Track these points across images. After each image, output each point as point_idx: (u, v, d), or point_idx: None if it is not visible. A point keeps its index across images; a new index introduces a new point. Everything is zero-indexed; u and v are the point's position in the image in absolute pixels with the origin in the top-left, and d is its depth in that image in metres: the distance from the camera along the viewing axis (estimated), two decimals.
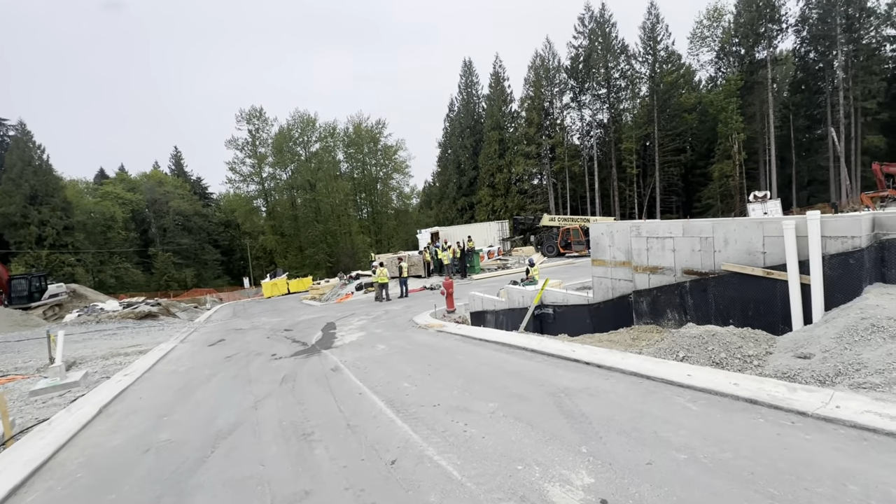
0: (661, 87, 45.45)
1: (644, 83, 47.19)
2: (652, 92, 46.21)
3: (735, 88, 40.66)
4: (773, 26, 40.97)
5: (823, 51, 40.02)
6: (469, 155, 56.29)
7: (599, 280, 8.71)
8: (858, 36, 38.05)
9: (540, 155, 50.04)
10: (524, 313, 10.30)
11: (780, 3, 40.64)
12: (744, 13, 41.79)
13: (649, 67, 46.55)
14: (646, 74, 46.92)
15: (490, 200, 50.54)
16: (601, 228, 8.52)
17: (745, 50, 42.72)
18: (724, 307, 6.43)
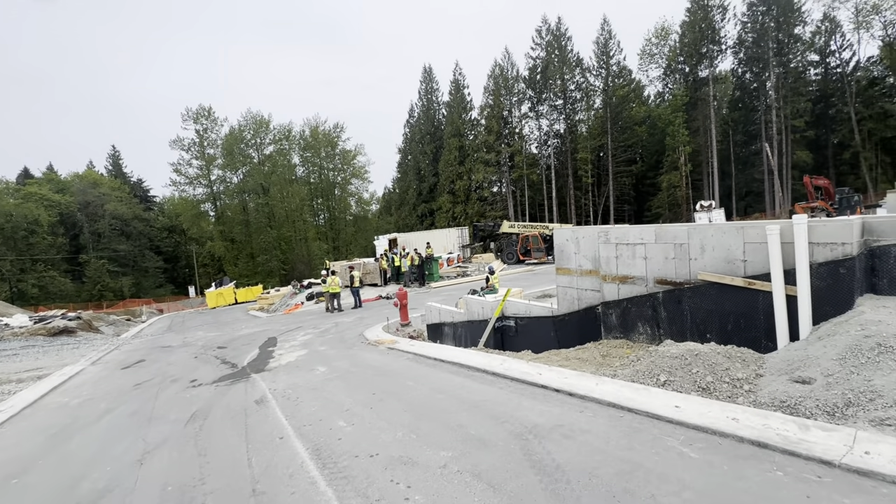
0: (613, 100, 46.75)
1: (598, 96, 48.39)
2: (605, 104, 47.43)
3: (681, 104, 42.38)
4: (714, 47, 43.14)
5: (758, 72, 42.51)
6: (429, 161, 55.67)
7: (564, 290, 7.97)
8: (787, 60, 40.71)
9: (499, 163, 50.15)
10: (484, 326, 9.43)
11: (720, 25, 42.90)
12: (688, 33, 43.78)
13: (603, 81, 47.81)
14: (599, 87, 48.14)
15: (450, 207, 50.07)
16: (566, 234, 7.79)
17: (690, 68, 44.74)
18: (700, 320, 5.78)
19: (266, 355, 9.51)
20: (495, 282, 14.28)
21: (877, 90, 39.48)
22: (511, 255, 26.42)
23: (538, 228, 26.95)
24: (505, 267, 25.04)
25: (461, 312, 10.44)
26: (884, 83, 39.34)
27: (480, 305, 9.74)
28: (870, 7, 38.00)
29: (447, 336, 11.00)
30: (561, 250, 8.02)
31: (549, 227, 26.38)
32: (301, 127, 61.61)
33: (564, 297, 8.03)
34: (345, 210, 62.50)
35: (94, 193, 50.33)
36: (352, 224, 62.58)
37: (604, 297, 7.06)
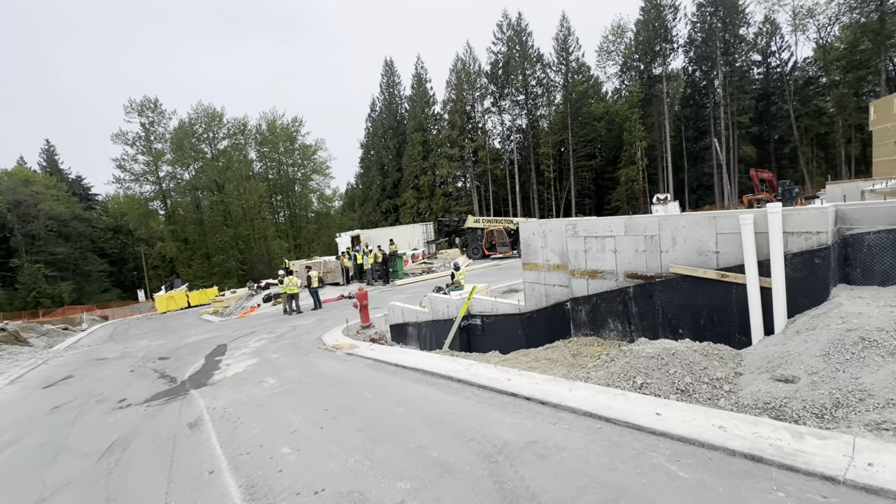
0: (573, 96, 47.34)
1: (558, 91, 48.88)
2: (565, 100, 47.98)
3: (637, 100, 43.46)
4: (667, 45, 44.49)
5: (707, 70, 44.20)
6: (392, 156, 54.66)
7: (531, 286, 7.57)
8: (733, 59, 42.53)
9: (463, 158, 49.76)
10: (449, 325, 8.92)
11: (672, 25, 44.25)
12: (642, 31, 44.90)
13: (563, 77, 48.31)
14: (559, 83, 48.63)
15: (415, 203, 49.35)
16: (532, 228, 7.38)
17: (644, 65, 45.96)
18: (672, 315, 5.51)
19: (212, 366, 8.63)
20: (461, 278, 13.81)
21: (811, 89, 41.94)
22: (476, 250, 26.02)
23: (503, 223, 26.66)
24: (470, 262, 24.59)
25: (425, 312, 9.89)
26: (818, 83, 41.81)
27: (445, 304, 9.21)
28: (805, 11, 40.22)
29: (411, 337, 10.43)
30: (527, 245, 7.61)
31: (514, 222, 26.22)
32: (257, 121, 58.91)
33: (532, 293, 7.64)
34: (306, 207, 60.44)
35: (26, 192, 45.96)
36: (314, 221, 60.61)
37: (573, 292, 6.69)
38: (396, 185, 54.32)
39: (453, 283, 12.92)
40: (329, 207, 64.87)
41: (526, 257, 7.63)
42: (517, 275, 17.46)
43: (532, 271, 7.59)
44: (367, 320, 10.17)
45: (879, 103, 30.11)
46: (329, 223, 60.79)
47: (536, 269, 7.52)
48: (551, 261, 7.14)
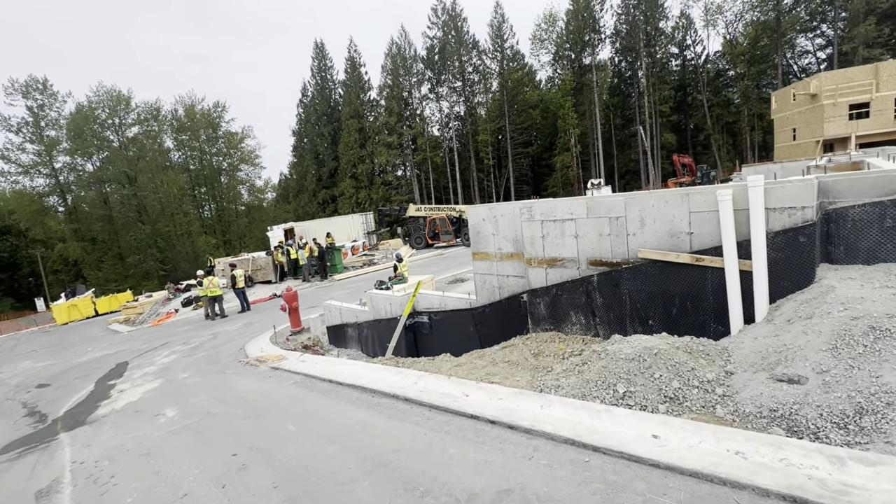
0: (509, 83, 47.34)
1: (494, 79, 48.65)
2: (502, 88, 47.89)
3: (569, 88, 44.33)
4: (595, 36, 45.68)
5: (631, 61, 46.07)
6: (328, 144, 51.91)
7: (483, 278, 6.76)
8: (654, 51, 44.64)
9: (402, 145, 48.24)
10: (393, 325, 7.92)
11: (600, 15, 45.45)
12: (572, 21, 45.70)
13: (498, 64, 48.10)
14: (495, 70, 48.41)
15: (353, 192, 47.33)
16: (482, 213, 6.53)
17: (575, 55, 46.95)
18: (641, 305, 4.89)
19: (101, 394, 6.95)
20: (404, 270, 12.86)
21: (721, 81, 45.16)
22: (419, 239, 25.12)
23: (445, 211, 25.86)
24: (414, 252, 23.67)
25: (366, 311, 8.81)
26: (726, 75, 45.09)
27: (388, 301, 8.18)
28: (715, 7, 42.98)
29: (351, 339, 9.31)
30: (477, 232, 6.77)
31: (457, 209, 25.50)
32: (172, 106, 53.11)
33: (483, 285, 6.83)
34: (235, 199, 55.89)
35: None
36: (244, 215, 56.22)
37: (530, 283, 5.95)
38: (333, 175, 51.79)
39: (396, 275, 12.08)
40: (261, 199, 60.39)
41: (476, 246, 6.81)
42: (463, 263, 16.89)
43: (483, 261, 6.78)
44: (298, 324, 8.87)
45: (779, 93, 32.92)
46: (262, 216, 56.55)
47: (488, 259, 6.71)
48: (504, 249, 6.35)
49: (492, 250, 6.65)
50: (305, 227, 28.17)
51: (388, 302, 8.27)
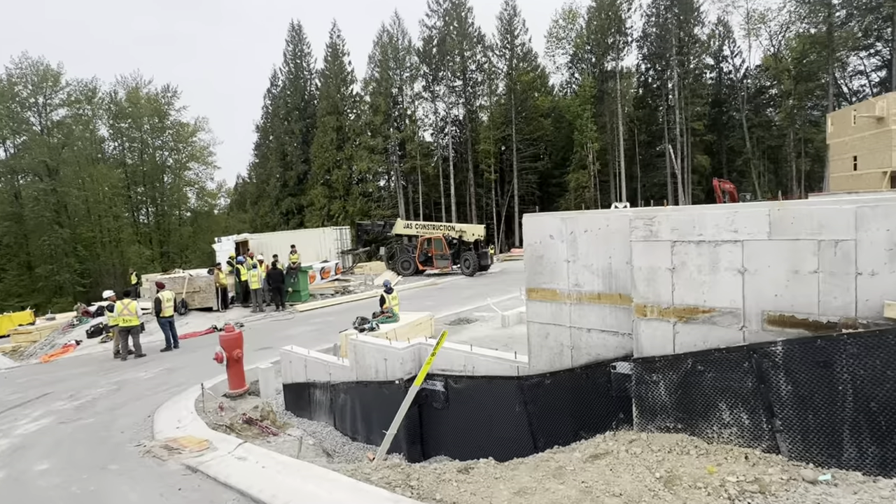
0: (518, 86, 46.89)
1: (501, 80, 48.24)
2: (509, 90, 47.40)
3: (589, 96, 43.94)
4: (620, 38, 45.79)
5: (661, 70, 46.22)
6: (298, 144, 50.47)
7: (542, 330, 5.01)
8: (687, 60, 44.87)
9: (388, 150, 47.19)
10: (387, 393, 6.04)
11: (627, 15, 45.69)
12: (595, 19, 45.81)
13: (507, 63, 47.80)
14: (503, 70, 48.07)
15: (325, 203, 45.72)
16: (549, 225, 4.86)
17: (596, 58, 46.92)
18: (878, 407, 3.03)
19: None
20: (394, 304, 11.29)
21: (762, 99, 45.44)
22: (407, 264, 24.34)
23: (442, 229, 24.63)
24: (400, 279, 22.71)
25: (344, 366, 6.93)
26: (769, 92, 45.45)
27: (380, 355, 6.30)
28: (758, 16, 43.63)
29: (319, 407, 7.34)
30: (537, 256, 5.04)
31: (457, 228, 24.29)
32: (112, 87, 51.08)
33: (543, 341, 5.08)
34: (179, 203, 53.80)
35: None
36: (189, 223, 54.41)
37: (638, 346, 4.14)
38: (302, 181, 50.25)
39: (383, 310, 10.95)
40: (212, 205, 59.06)
41: (534, 278, 5.08)
42: (467, 298, 16.33)
43: (545, 303, 5.07)
44: (240, 383, 6.85)
45: (836, 115, 32.65)
46: (211, 225, 54.90)
47: (555, 300, 4.97)
48: (587, 286, 4.60)
49: (563, 286, 4.90)
50: (264, 239, 27.00)
51: (381, 356, 6.36)
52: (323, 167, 47.05)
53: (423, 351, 6.34)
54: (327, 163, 46.76)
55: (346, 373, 6.93)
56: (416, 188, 48.42)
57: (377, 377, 6.49)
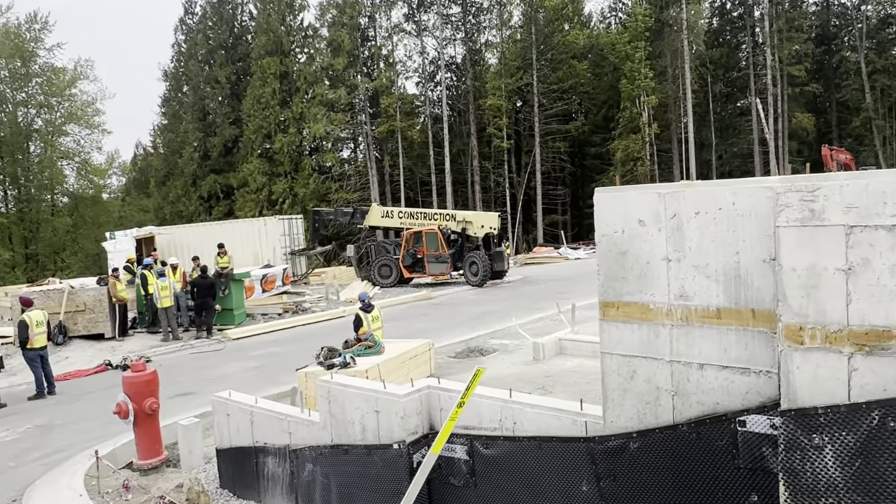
0: (540, 14, 47.19)
1: (517, 6, 48.70)
2: (528, 21, 47.89)
3: (643, 29, 44.36)
4: None
5: None
6: (225, 98, 50.88)
7: (627, 366, 5.08)
8: None
9: (354, 107, 47.58)
10: (382, 465, 6.23)
11: None
12: None
13: None
14: None
15: (265, 182, 46.08)
16: (638, 205, 5.10)
17: None
18: None
19: None
20: (376, 327, 11.65)
21: (890, 33, 45.69)
22: (387, 269, 24.65)
23: (439, 219, 24.78)
24: (377, 291, 23.03)
25: (312, 421, 7.06)
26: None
27: (371, 405, 6.62)
28: None
29: (275, 486, 7.50)
30: (619, 252, 5.21)
31: (457, 218, 24.44)
32: None
33: (628, 383, 5.09)
34: (53, 184, 53.77)
35: None
36: (68, 212, 54.36)
37: (788, 390, 4.14)
38: (230, 150, 50.64)
39: (360, 337, 11.15)
40: (100, 187, 58.75)
41: (613, 286, 5.27)
42: (476, 318, 16.58)
43: (629, 324, 5.14)
44: (154, 450, 6.83)
45: None
46: (100, 216, 55.37)
47: (646, 319, 5.03)
48: (698, 296, 4.88)
49: (660, 298, 5.07)
50: (177, 236, 27.42)
51: (369, 407, 6.65)
52: (261, 131, 46.96)
53: (435, 399, 6.27)
54: (267, 125, 46.74)
55: (316, 432, 6.86)
56: (396, 161, 48.43)
57: (364, 439, 6.41)
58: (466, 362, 11.96)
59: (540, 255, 37.54)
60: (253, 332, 17.42)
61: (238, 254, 23.85)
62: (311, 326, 17.87)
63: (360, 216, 26.97)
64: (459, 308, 18.77)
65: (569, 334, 11.88)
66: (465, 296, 21.22)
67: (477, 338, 13.87)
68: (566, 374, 10.15)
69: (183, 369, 13.55)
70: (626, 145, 45.02)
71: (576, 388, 9.03)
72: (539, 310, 16.52)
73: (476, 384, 5.21)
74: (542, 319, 15.26)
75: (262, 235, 27.40)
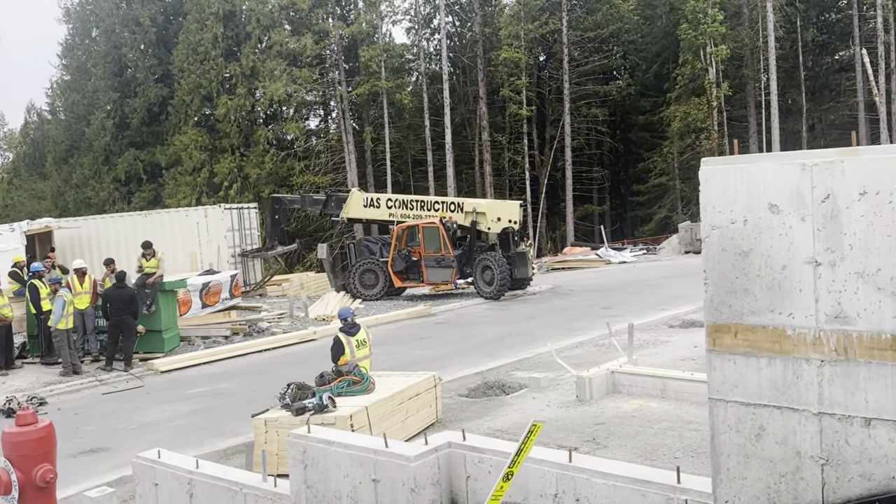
0: None
1: None
2: None
3: None
4: None
5: None
6: (148, 46, 51.33)
7: (752, 420, 4.99)
8: None
9: (324, 61, 48.15)
10: None
11: None
12: None
13: None
14: None
15: (204, 159, 46.53)
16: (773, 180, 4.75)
17: None
18: None
19: None
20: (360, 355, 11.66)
21: None
22: (371, 276, 24.80)
23: (441, 210, 24.91)
24: (359, 305, 23.18)
25: (277, 494, 7.00)
26: None
27: (366, 472, 6.36)
28: None
29: None
30: (739, 251, 4.92)
31: (467, 208, 24.56)
32: None
33: (751, 445, 5.00)
34: None
35: None
36: None
37: None
38: (157, 117, 51.18)
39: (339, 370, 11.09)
40: None
41: (730, 300, 5.07)
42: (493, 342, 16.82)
43: (753, 357, 5.04)
44: None
45: None
46: None
47: (780, 352, 4.90)
48: (864, 318, 4.50)
49: (803, 320, 4.69)
50: (84, 231, 27.86)
51: (364, 474, 6.51)
52: (198, 92, 47.39)
53: (458, 462, 6.24)
54: (207, 83, 47.13)
55: None
56: (381, 134, 48.79)
57: None
58: (484, 403, 11.90)
59: (572, 258, 37.74)
60: (190, 363, 17.45)
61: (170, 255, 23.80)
62: (270, 354, 18.02)
63: (334, 205, 26.98)
64: (470, 328, 18.82)
65: (625, 366, 11.85)
66: (477, 312, 21.28)
67: (497, 369, 13.87)
68: (624, 420, 10.13)
69: (91, 415, 13.40)
70: (685, 112, 45.32)
71: (639, 441, 9.06)
72: (577, 331, 16.61)
73: (531, 445, 4.96)
74: (583, 345, 15.36)
75: (201, 231, 27.43)
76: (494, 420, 10.22)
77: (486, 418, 10.50)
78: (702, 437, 7.80)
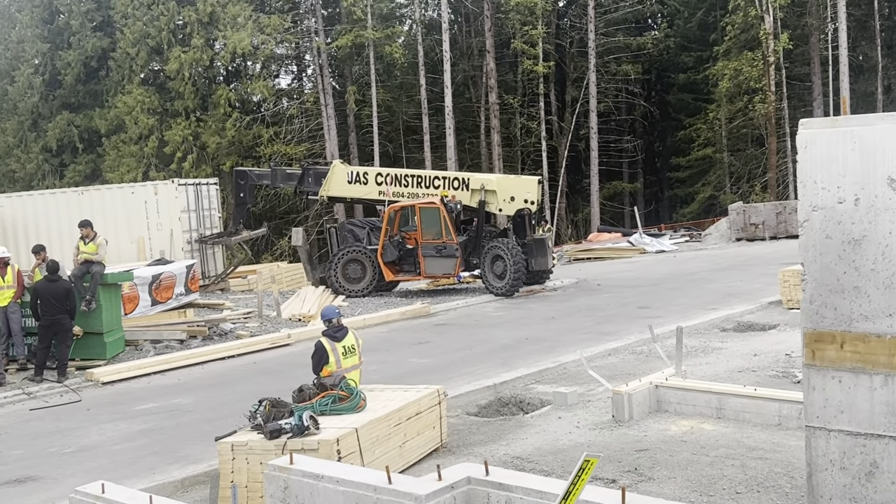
0: None
1: None
2: None
3: None
4: None
5: None
6: None
7: (864, 454, 5.25)
8: None
9: (298, 6, 48.70)
10: None
11: None
12: None
13: None
14: None
15: (153, 125, 46.65)
16: None
17: None
18: None
19: None
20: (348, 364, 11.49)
21: None
22: (357, 267, 24.99)
23: (442, 187, 24.95)
24: (342, 301, 23.30)
25: None
26: None
27: None
28: None
29: None
30: (850, 238, 5.15)
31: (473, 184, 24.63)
32: None
33: (863, 486, 5.39)
34: None
35: None
36: None
37: None
38: (95, 74, 51.50)
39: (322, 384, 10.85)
40: None
41: (834, 302, 5.40)
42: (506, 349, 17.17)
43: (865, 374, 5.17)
44: None
45: None
46: None
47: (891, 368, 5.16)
48: None
49: None
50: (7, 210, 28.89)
51: None
52: (146, 43, 47.63)
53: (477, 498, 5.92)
54: (156, 33, 47.35)
55: None
56: (367, 95, 49.16)
57: None
58: (498, 424, 11.69)
59: (598, 246, 37.79)
60: (138, 372, 17.28)
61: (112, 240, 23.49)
62: (235, 362, 18.09)
63: (312, 181, 27.12)
64: (478, 331, 18.84)
65: (672, 378, 11.61)
66: (486, 311, 21.34)
67: (512, 382, 13.85)
68: (672, 446, 9.92)
69: (17, 436, 13.27)
70: (736, 69, 45.45)
71: (692, 472, 8.83)
72: (610, 336, 16.63)
73: (583, 486, 4.74)
74: (617, 352, 15.32)
75: (150, 212, 27.51)
76: (512, 445, 9.98)
77: (502, 443, 10.32)
78: (769, 468, 7.88)
